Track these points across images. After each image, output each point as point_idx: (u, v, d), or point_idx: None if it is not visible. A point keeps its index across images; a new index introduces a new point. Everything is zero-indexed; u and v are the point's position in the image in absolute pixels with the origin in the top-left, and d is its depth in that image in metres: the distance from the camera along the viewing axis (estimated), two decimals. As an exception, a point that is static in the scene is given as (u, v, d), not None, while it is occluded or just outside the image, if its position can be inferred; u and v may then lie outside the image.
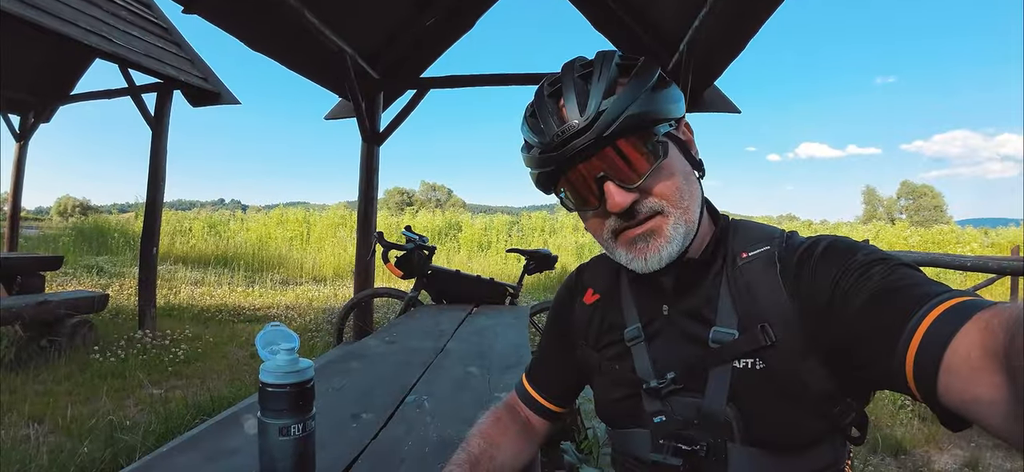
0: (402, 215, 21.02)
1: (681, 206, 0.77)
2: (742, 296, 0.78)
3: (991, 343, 0.45)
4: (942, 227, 21.27)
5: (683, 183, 0.78)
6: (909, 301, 0.58)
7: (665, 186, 0.77)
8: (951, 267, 5.35)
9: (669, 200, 0.77)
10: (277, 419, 0.82)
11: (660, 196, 0.76)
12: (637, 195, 0.76)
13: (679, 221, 0.77)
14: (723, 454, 0.76)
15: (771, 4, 3.51)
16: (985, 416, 0.46)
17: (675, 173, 0.78)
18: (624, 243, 0.80)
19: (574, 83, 0.77)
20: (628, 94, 0.73)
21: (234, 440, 1.11)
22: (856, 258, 0.69)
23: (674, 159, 0.79)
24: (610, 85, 0.75)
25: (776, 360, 0.73)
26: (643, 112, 0.73)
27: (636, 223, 0.78)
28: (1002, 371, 0.43)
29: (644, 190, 0.76)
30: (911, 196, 55.70)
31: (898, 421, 3.69)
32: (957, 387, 0.49)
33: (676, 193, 0.77)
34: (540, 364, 1.08)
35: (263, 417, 0.83)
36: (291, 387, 0.82)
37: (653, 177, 0.76)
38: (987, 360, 0.45)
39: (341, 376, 1.69)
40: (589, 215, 0.82)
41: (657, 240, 0.77)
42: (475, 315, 3.25)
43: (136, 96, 5.68)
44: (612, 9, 4.73)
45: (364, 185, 5.38)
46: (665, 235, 0.77)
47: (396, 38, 5.30)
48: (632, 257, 0.79)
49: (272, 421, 0.82)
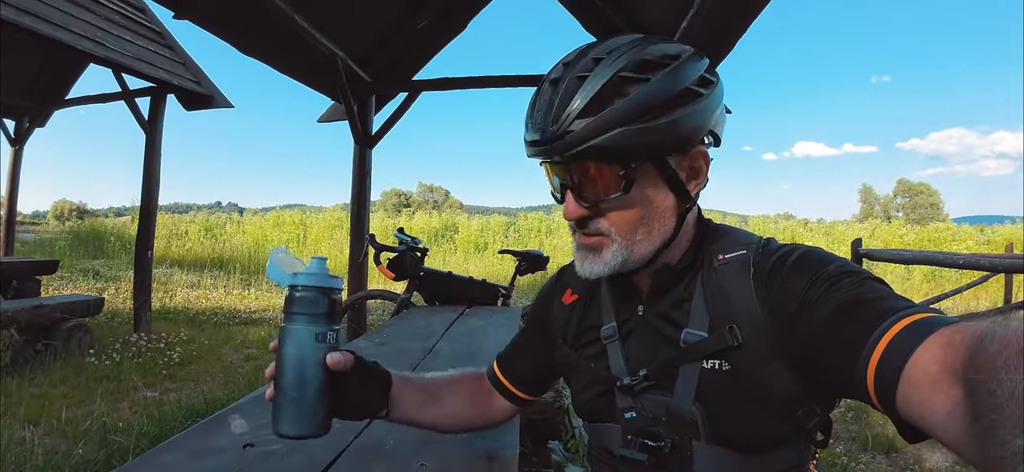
0: (399, 217, 21.01)
1: (628, 239, 0.78)
2: (715, 298, 0.79)
3: (952, 359, 0.47)
4: (938, 225, 21.29)
5: (644, 214, 0.77)
6: (874, 314, 0.59)
7: (619, 216, 0.77)
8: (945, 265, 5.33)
9: (618, 230, 0.78)
10: (313, 325, 0.78)
11: (611, 223, 0.78)
12: (590, 213, 0.78)
13: (619, 251, 0.78)
14: (688, 451, 0.78)
15: (759, 3, 3.54)
16: (941, 429, 0.47)
17: (635, 206, 0.77)
18: (576, 242, 0.83)
19: (565, 82, 0.74)
20: (604, 122, 0.70)
21: (220, 439, 1.13)
22: (827, 269, 0.70)
23: (646, 191, 0.77)
24: (595, 100, 0.71)
25: (743, 362, 0.75)
26: (615, 146, 0.71)
27: (584, 234, 0.80)
28: (959, 386, 0.44)
29: (598, 211, 0.78)
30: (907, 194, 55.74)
31: (889, 419, 3.72)
32: (915, 399, 0.50)
33: (627, 226, 0.78)
34: (513, 351, 1.11)
35: (294, 326, 0.78)
36: (332, 290, 0.80)
37: (609, 204, 0.76)
38: (946, 375, 0.47)
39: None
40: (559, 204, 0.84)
41: (593, 257, 0.80)
42: (466, 316, 3.27)
43: (130, 100, 5.71)
44: (602, 10, 4.75)
45: (357, 187, 5.40)
46: (602, 258, 0.79)
47: (387, 41, 5.31)
48: (577, 260, 0.83)
49: (308, 327, 0.78)
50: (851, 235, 15.40)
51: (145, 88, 5.70)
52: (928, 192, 54.96)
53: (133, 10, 5.38)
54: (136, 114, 5.72)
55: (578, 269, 0.82)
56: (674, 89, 0.71)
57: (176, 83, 5.53)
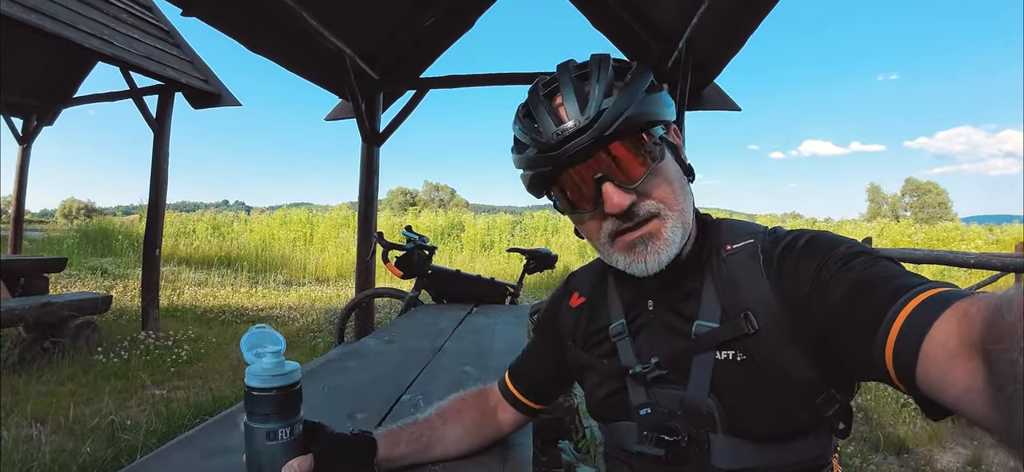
0: (405, 215, 21.04)
1: (678, 208, 0.78)
2: (725, 287, 0.79)
3: (968, 331, 0.46)
4: (947, 224, 21.19)
5: (678, 186, 0.79)
6: (888, 292, 0.59)
7: (663, 189, 0.77)
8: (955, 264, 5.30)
9: (667, 203, 0.77)
10: (264, 423, 0.80)
11: (658, 199, 0.77)
12: (635, 197, 0.76)
13: (677, 223, 0.77)
14: (705, 444, 0.78)
15: (767, 3, 3.51)
16: (963, 402, 0.46)
17: (671, 176, 0.78)
18: (622, 247, 0.79)
19: (572, 83, 0.76)
20: (626, 96, 0.74)
21: (231, 439, 1.11)
22: (837, 250, 0.70)
23: (669, 163, 0.79)
24: (608, 87, 0.75)
25: (758, 350, 0.74)
26: (641, 114, 0.74)
27: (634, 226, 0.77)
28: (979, 358, 0.43)
29: (642, 192, 0.76)
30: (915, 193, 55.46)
31: (900, 419, 3.69)
32: (935, 375, 0.49)
33: (673, 196, 0.78)
34: (524, 361, 1.10)
35: (250, 421, 0.81)
36: (277, 390, 0.80)
37: (651, 179, 0.76)
38: (965, 348, 0.46)
39: (338, 375, 1.70)
40: (585, 217, 0.81)
41: (656, 243, 0.77)
42: (474, 314, 3.25)
43: (137, 98, 5.72)
44: (611, 8, 4.73)
45: (364, 185, 5.40)
46: (664, 237, 0.77)
47: (395, 38, 5.31)
48: (631, 261, 0.79)
49: (259, 425, 0.80)
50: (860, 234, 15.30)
51: (153, 86, 5.71)
52: (936, 191, 54.67)
53: (140, 8, 5.39)
54: (144, 112, 5.73)
55: (641, 270, 0.78)
56: (650, 77, 0.78)
57: (184, 81, 5.55)
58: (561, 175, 0.79)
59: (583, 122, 0.73)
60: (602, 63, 0.78)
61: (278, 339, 0.87)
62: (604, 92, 0.74)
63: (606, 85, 0.75)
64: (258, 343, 0.86)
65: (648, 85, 0.76)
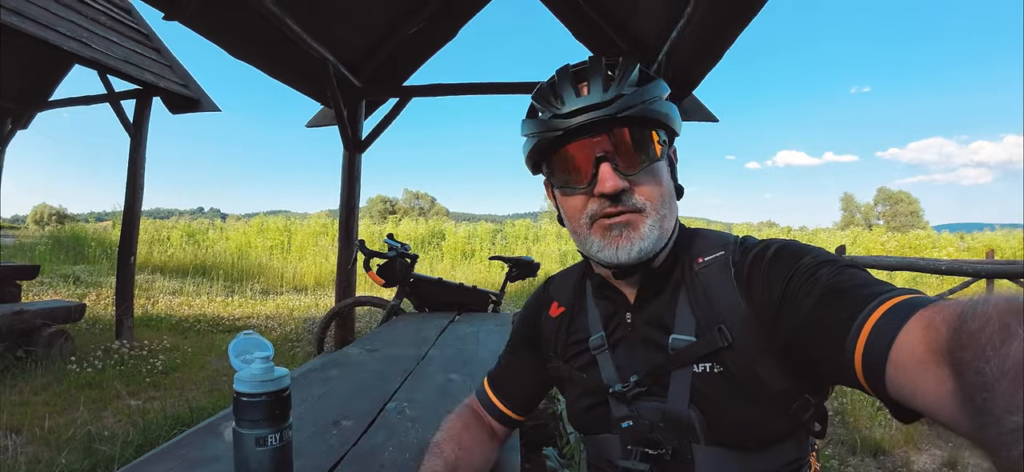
0: (385, 223, 20.92)
1: (660, 212, 0.80)
2: (699, 300, 0.81)
3: (935, 339, 0.47)
4: (919, 232, 21.63)
5: (667, 191, 0.83)
6: (855, 300, 0.61)
7: (653, 189, 0.80)
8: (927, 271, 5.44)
9: (652, 202, 0.80)
10: (253, 429, 0.81)
11: (646, 196, 0.80)
12: (627, 186, 0.79)
13: (655, 224, 0.80)
14: (689, 455, 0.79)
15: (747, 14, 3.58)
16: (934, 409, 0.48)
17: (663, 181, 0.82)
18: (599, 230, 0.81)
19: (601, 69, 0.81)
20: (649, 89, 0.79)
21: (213, 448, 1.10)
22: (804, 260, 0.72)
23: (665, 169, 0.83)
24: (634, 79, 0.80)
25: (732, 361, 0.76)
26: (657, 111, 0.79)
27: (617, 212, 0.79)
28: (946, 365, 0.45)
29: (634, 183, 0.79)
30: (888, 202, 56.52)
31: (876, 422, 3.76)
32: (905, 382, 0.51)
33: (660, 199, 0.81)
34: (504, 373, 1.09)
35: (239, 428, 0.82)
36: (267, 396, 0.81)
37: (646, 175, 0.80)
38: (932, 355, 0.47)
39: (321, 384, 1.69)
40: (575, 193, 0.83)
41: (631, 233, 0.79)
42: (457, 322, 3.25)
43: (115, 102, 5.63)
44: (593, 20, 4.78)
45: (346, 193, 5.37)
46: (640, 231, 0.79)
47: (379, 46, 5.30)
48: (604, 245, 0.81)
49: (248, 431, 0.81)
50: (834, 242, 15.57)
51: (131, 90, 5.62)
52: (908, 200, 55.79)
53: (119, 11, 5.31)
54: (121, 116, 5.63)
55: (612, 258, 0.80)
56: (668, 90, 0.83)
57: (162, 86, 5.46)
58: (564, 147, 0.81)
59: (603, 99, 0.77)
60: (630, 63, 0.82)
61: (266, 345, 0.88)
62: (629, 81, 0.79)
63: (632, 77, 0.80)
64: (246, 349, 0.87)
65: (667, 94, 0.82)
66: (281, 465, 0.84)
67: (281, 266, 12.54)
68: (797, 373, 0.74)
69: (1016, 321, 0.39)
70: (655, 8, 4.17)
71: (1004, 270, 4.94)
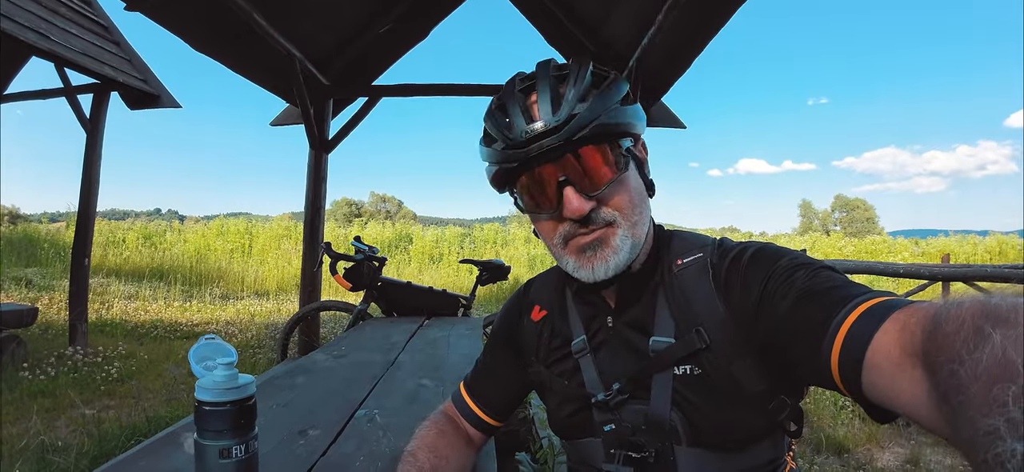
0: (351, 227, 20.62)
1: (631, 221, 0.79)
2: (677, 303, 0.81)
3: (910, 341, 0.48)
4: (875, 237, 22.43)
5: (637, 199, 0.81)
6: (831, 303, 0.61)
7: (621, 199, 0.78)
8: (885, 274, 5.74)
9: (622, 212, 0.79)
10: (216, 440, 0.76)
11: (615, 207, 0.78)
12: (594, 204, 0.77)
13: (627, 234, 0.79)
14: (671, 457, 0.79)
15: (716, 24, 3.64)
16: (910, 409, 0.48)
17: (631, 188, 0.80)
18: (574, 250, 0.81)
19: (549, 82, 0.77)
20: (600, 102, 0.74)
21: (172, 460, 1.04)
22: (782, 263, 0.73)
23: (632, 175, 0.81)
24: (583, 91, 0.76)
25: (711, 363, 0.76)
26: (612, 123, 0.75)
27: (587, 231, 0.78)
28: (921, 367, 0.46)
29: (601, 199, 0.77)
30: (845, 209, 58.46)
31: (839, 421, 3.84)
32: (881, 384, 0.52)
33: (629, 207, 0.79)
34: (482, 377, 1.07)
35: (201, 438, 0.77)
36: (231, 405, 0.76)
37: (612, 188, 0.77)
38: (907, 357, 0.48)
39: (286, 392, 1.63)
40: (543, 218, 0.82)
41: (604, 250, 0.78)
42: (427, 327, 3.20)
43: (71, 97, 5.42)
44: (565, 25, 4.79)
45: (312, 194, 5.24)
46: (612, 246, 0.78)
47: (348, 44, 5.21)
48: (579, 266, 0.80)
49: (211, 443, 0.76)
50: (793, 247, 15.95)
51: (88, 84, 5.41)
52: (864, 207, 57.85)
53: (78, 2, 5.09)
54: (77, 112, 5.42)
55: (589, 276, 0.80)
56: (626, 88, 0.79)
57: (121, 80, 5.26)
58: (525, 173, 0.79)
59: (554, 123, 0.73)
60: (581, 67, 0.78)
61: (229, 350, 0.84)
62: (579, 96, 0.75)
63: (582, 89, 0.75)
64: (208, 355, 0.83)
65: (623, 96, 0.78)
66: None
67: (242, 270, 12.21)
68: (774, 374, 0.74)
69: (989, 324, 0.39)
70: (627, 15, 4.20)
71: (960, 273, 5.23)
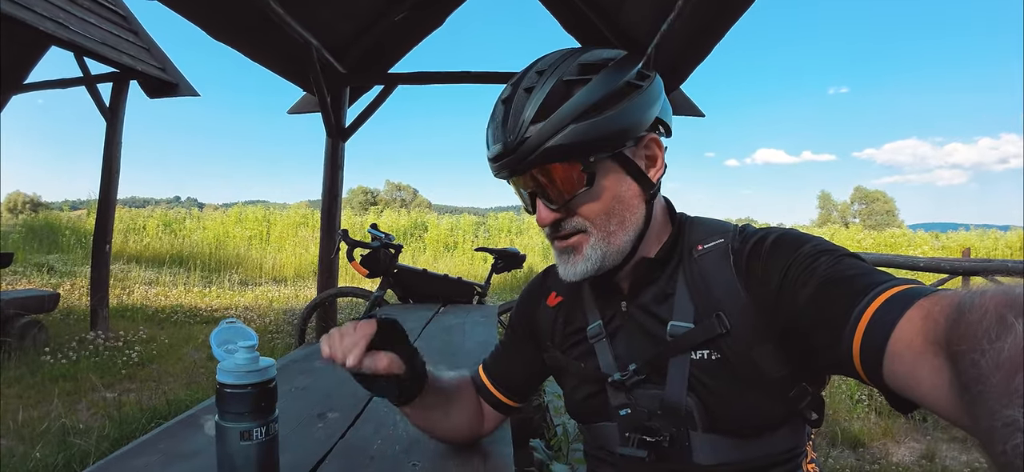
0: (366, 214, 20.73)
1: (604, 229, 0.79)
2: (697, 287, 0.81)
3: (933, 330, 0.47)
4: (894, 230, 22.05)
5: (614, 205, 0.79)
6: (854, 290, 0.61)
7: (590, 209, 0.79)
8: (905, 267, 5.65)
9: (592, 221, 0.79)
10: (237, 422, 0.77)
11: (584, 216, 0.80)
12: (561, 214, 0.79)
13: (598, 243, 0.80)
14: (686, 442, 0.79)
15: (737, 9, 3.58)
16: (930, 399, 0.48)
17: (604, 197, 0.79)
18: (555, 249, 0.85)
19: (515, 97, 0.77)
20: (556, 122, 0.73)
21: (193, 442, 1.06)
22: (804, 249, 0.72)
23: (610, 182, 0.79)
24: (545, 105, 0.74)
25: (731, 349, 0.76)
26: (571, 143, 0.73)
27: (561, 236, 0.82)
28: (943, 356, 0.45)
29: (569, 210, 0.79)
30: (864, 201, 57.67)
31: (855, 415, 3.80)
32: (902, 372, 0.51)
33: (602, 216, 0.79)
34: (501, 359, 1.08)
35: (222, 421, 0.77)
36: (252, 387, 0.77)
37: (579, 199, 0.78)
38: (929, 346, 0.48)
39: (305, 376, 1.65)
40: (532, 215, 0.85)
41: (575, 257, 0.81)
42: (442, 314, 3.22)
43: (91, 86, 5.50)
44: (583, 11, 4.75)
45: (329, 181, 5.28)
46: (583, 253, 0.80)
47: (364, 32, 5.21)
48: (559, 263, 0.85)
49: (232, 425, 0.77)
50: (813, 240, 15.77)
51: (108, 73, 5.48)
52: (884, 199, 56.98)
53: (97, -9, 5.15)
54: (97, 100, 5.50)
55: (562, 275, 0.84)
56: (615, 85, 0.75)
57: (140, 69, 5.33)
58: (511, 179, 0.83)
59: (508, 146, 0.76)
60: (557, 68, 0.77)
61: (250, 334, 0.84)
62: (534, 114, 0.74)
63: (541, 102, 0.74)
64: (229, 339, 0.83)
65: (596, 101, 0.74)
66: (267, 460, 0.80)
67: (260, 257, 12.35)
68: (795, 361, 0.74)
69: (1013, 313, 0.38)
70: (644, 1, 4.15)
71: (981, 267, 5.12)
